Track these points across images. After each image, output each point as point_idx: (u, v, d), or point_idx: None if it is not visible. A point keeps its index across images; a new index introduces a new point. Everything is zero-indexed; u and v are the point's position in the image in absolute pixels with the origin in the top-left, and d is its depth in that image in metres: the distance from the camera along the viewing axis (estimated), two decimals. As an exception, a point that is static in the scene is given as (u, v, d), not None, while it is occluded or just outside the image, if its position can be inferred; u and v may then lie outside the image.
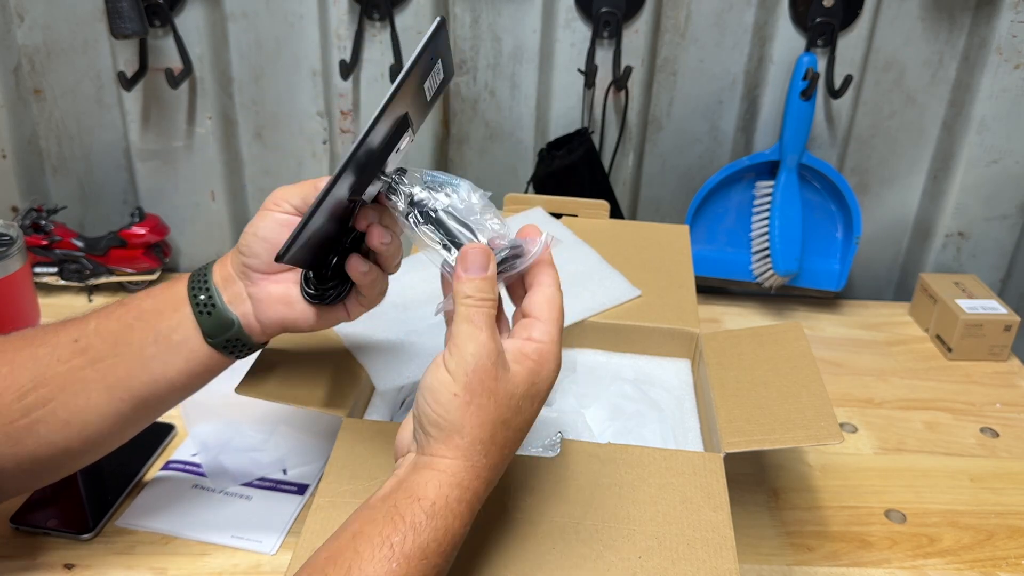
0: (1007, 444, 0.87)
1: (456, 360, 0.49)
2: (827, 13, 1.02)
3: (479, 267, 0.51)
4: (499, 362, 0.49)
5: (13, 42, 1.05)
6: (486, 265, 0.51)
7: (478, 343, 0.49)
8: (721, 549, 0.56)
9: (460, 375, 0.48)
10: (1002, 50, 1.02)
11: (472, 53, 1.07)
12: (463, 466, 0.49)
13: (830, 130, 1.09)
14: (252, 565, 0.68)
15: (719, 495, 0.60)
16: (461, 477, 0.48)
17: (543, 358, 0.51)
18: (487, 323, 0.50)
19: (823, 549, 0.73)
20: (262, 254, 0.57)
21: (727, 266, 1.11)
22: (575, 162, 1.05)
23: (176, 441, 0.81)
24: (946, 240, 1.13)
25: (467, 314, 0.50)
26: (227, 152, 1.12)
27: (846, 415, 0.90)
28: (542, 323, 0.52)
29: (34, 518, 0.70)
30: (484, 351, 0.49)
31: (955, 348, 1.01)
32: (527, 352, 0.51)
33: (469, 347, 0.49)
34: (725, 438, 0.65)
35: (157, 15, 1.01)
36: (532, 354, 0.51)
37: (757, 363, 0.73)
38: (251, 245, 0.57)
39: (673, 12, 1.04)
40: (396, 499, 0.48)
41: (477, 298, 0.50)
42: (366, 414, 0.72)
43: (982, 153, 1.08)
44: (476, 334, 0.49)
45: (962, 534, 0.75)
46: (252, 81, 1.09)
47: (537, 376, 0.51)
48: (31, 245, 1.03)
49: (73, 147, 1.12)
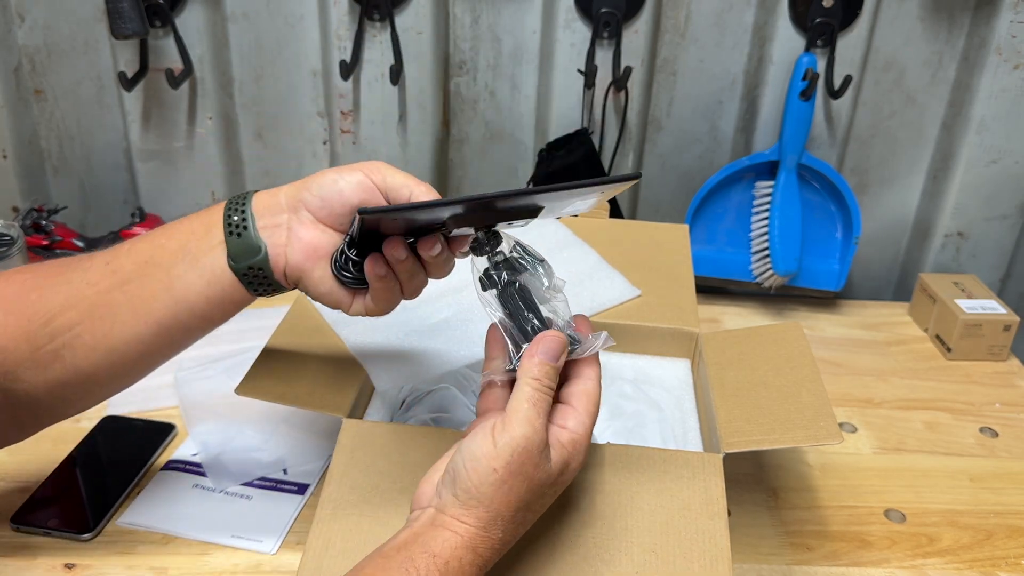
0: (1007, 444, 0.87)
1: (507, 437, 0.50)
2: (827, 13, 1.02)
3: (553, 355, 0.53)
4: (544, 452, 0.51)
5: (14, 42, 1.05)
6: (558, 356, 0.53)
7: (533, 429, 0.50)
8: (716, 560, 0.56)
9: (505, 453, 0.50)
10: (1002, 50, 1.02)
11: (472, 53, 1.07)
12: (480, 536, 0.50)
13: (830, 130, 1.09)
14: (252, 565, 0.68)
15: (717, 500, 0.60)
16: (476, 544, 0.50)
17: (576, 449, 0.52)
18: (545, 410, 0.51)
19: (823, 549, 0.73)
20: (331, 199, 0.56)
21: (727, 266, 1.11)
22: (575, 162, 1.05)
23: (176, 441, 0.81)
24: (945, 240, 1.13)
25: (532, 396, 0.51)
26: (227, 152, 1.12)
27: (846, 415, 0.90)
28: (579, 414, 0.53)
29: (34, 518, 0.70)
30: (536, 438, 0.50)
31: (954, 348, 1.01)
32: (563, 440, 0.52)
33: (523, 429, 0.50)
34: (725, 438, 0.65)
35: (157, 15, 1.02)
36: (567, 444, 0.52)
37: (757, 363, 0.73)
38: (324, 187, 0.57)
39: (673, 12, 1.04)
40: (411, 552, 0.49)
41: (544, 383, 0.52)
42: (366, 414, 0.72)
43: (982, 153, 1.08)
44: (533, 420, 0.50)
45: (961, 534, 0.75)
46: (252, 81, 1.09)
47: (567, 467, 0.52)
48: (32, 245, 1.03)
49: (74, 147, 1.12)
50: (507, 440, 0.50)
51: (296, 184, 0.58)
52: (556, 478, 0.52)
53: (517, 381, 0.52)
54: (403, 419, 0.75)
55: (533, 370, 0.52)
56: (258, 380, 0.68)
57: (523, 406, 0.51)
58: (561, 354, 0.53)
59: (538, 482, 0.51)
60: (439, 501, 0.51)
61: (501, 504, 0.50)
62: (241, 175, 1.14)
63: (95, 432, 0.81)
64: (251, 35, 1.06)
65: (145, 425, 0.82)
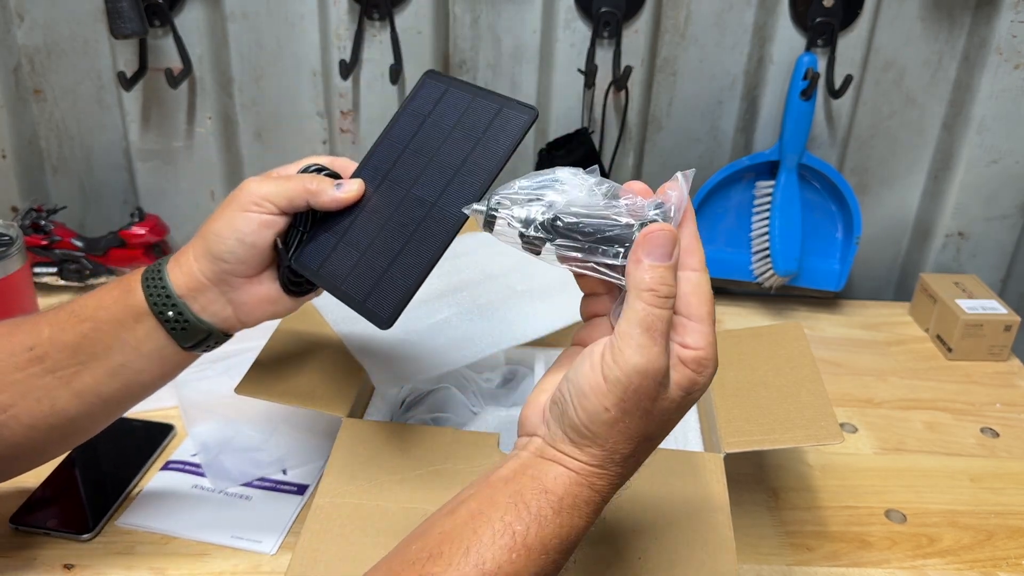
0: (1007, 444, 0.87)
1: (618, 371, 0.43)
2: (827, 13, 1.02)
3: (664, 253, 0.44)
4: (664, 383, 0.44)
5: (13, 42, 1.05)
6: (671, 251, 0.44)
7: (648, 358, 0.43)
8: (720, 550, 0.56)
9: (618, 390, 0.43)
10: (1002, 50, 1.02)
11: (472, 53, 1.07)
12: (596, 472, 0.45)
13: (830, 130, 1.09)
14: (252, 565, 0.68)
15: (719, 495, 0.60)
16: (593, 480, 0.45)
17: (701, 367, 0.45)
18: (664, 333, 0.43)
19: (823, 549, 0.73)
20: (250, 259, 0.56)
21: (727, 266, 1.11)
22: (575, 162, 1.05)
23: (176, 441, 0.81)
24: (946, 240, 1.13)
25: (645, 317, 0.43)
26: (227, 152, 1.12)
27: (846, 415, 0.90)
28: (697, 324, 0.45)
29: (34, 518, 0.70)
30: (652, 369, 0.43)
31: (955, 348, 1.01)
32: (686, 361, 0.44)
33: (637, 360, 0.43)
34: (725, 438, 0.65)
35: (157, 15, 1.01)
36: (691, 363, 0.44)
37: (757, 363, 0.73)
38: (236, 251, 0.56)
39: (673, 12, 1.04)
40: (521, 485, 0.45)
41: (660, 294, 0.43)
42: (366, 414, 0.72)
43: (982, 153, 1.08)
44: (649, 347, 0.43)
45: (962, 534, 0.75)
46: (252, 81, 1.09)
47: (694, 387, 0.45)
48: (31, 245, 1.03)
49: (73, 147, 1.12)
50: (618, 375, 0.43)
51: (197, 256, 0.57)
52: (680, 402, 0.45)
53: (627, 297, 0.44)
54: (403, 419, 0.75)
55: (644, 277, 0.43)
56: (258, 379, 0.68)
57: (635, 331, 0.43)
58: (672, 249, 0.44)
59: (659, 413, 0.45)
60: (547, 432, 0.46)
61: (618, 441, 0.44)
62: (241, 175, 1.14)
63: (94, 432, 0.80)
64: (251, 35, 1.06)
65: (145, 425, 0.82)
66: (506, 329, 0.79)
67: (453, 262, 0.87)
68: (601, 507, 0.47)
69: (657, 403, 0.44)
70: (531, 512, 0.43)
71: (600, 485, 0.46)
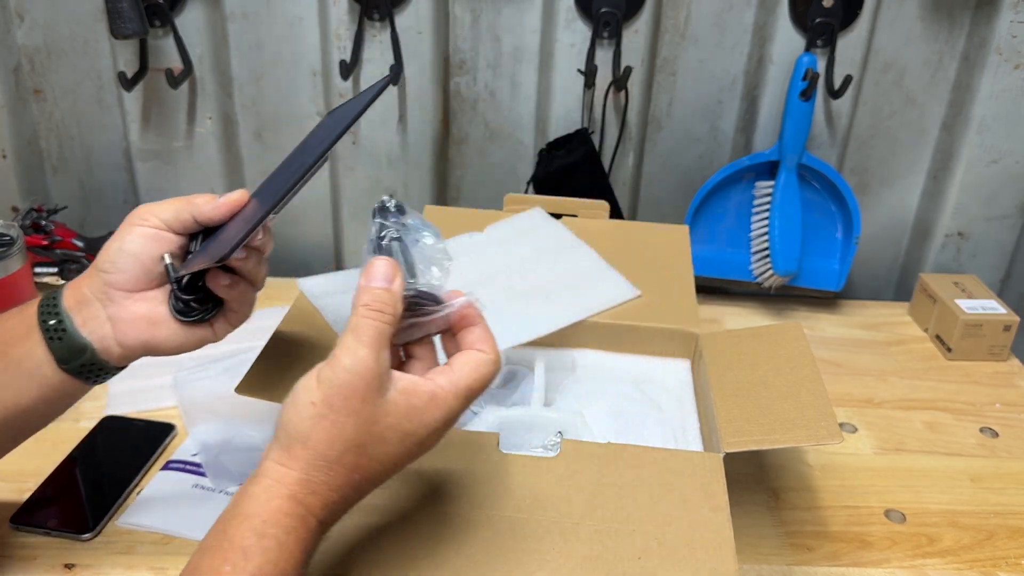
0: (1007, 444, 0.87)
1: (329, 370, 0.46)
2: (827, 13, 1.02)
3: (382, 278, 0.49)
4: (374, 384, 0.46)
5: (13, 42, 1.05)
6: (391, 278, 0.49)
7: (355, 358, 0.46)
8: (720, 550, 0.56)
9: (325, 386, 0.46)
10: (1002, 50, 1.02)
11: (472, 53, 1.07)
12: (298, 479, 0.45)
13: (830, 130, 1.09)
14: (252, 565, 0.68)
15: (719, 495, 0.60)
16: (295, 490, 0.45)
17: (433, 403, 0.48)
18: (374, 339, 0.46)
19: (823, 549, 0.73)
20: (129, 269, 0.56)
21: (727, 266, 1.11)
22: (575, 162, 1.05)
23: (176, 441, 0.81)
24: (946, 240, 1.13)
25: (355, 324, 0.47)
26: (227, 152, 1.12)
27: (846, 415, 0.90)
28: (453, 375, 0.49)
29: (34, 518, 0.70)
30: (359, 367, 0.46)
31: (955, 348, 1.01)
32: (421, 389, 0.48)
33: (345, 360, 0.46)
34: (725, 438, 0.65)
35: (157, 15, 1.02)
36: (424, 394, 0.47)
37: (757, 363, 0.73)
38: (116, 261, 0.56)
39: (673, 12, 1.04)
40: (226, 521, 0.45)
41: (372, 307, 0.47)
42: (366, 414, 0.72)
43: (982, 153, 1.08)
44: (356, 349, 0.46)
45: (962, 534, 0.75)
46: (252, 81, 1.09)
47: (418, 416, 0.47)
48: (31, 245, 1.03)
49: (73, 147, 1.12)
50: (328, 373, 0.46)
51: (89, 272, 0.58)
52: (398, 422, 0.47)
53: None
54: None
55: (360, 297, 0.48)
56: (258, 379, 0.68)
57: (347, 338, 0.47)
58: (393, 277, 0.49)
59: (370, 418, 0.46)
60: (266, 450, 0.48)
61: (321, 440, 0.45)
62: (241, 175, 1.14)
63: (95, 432, 0.80)
64: (251, 35, 1.06)
65: (145, 425, 0.82)
66: (506, 329, 0.79)
67: (453, 262, 0.87)
68: (311, 524, 0.46)
69: (368, 406, 0.46)
70: (235, 547, 0.43)
71: (303, 496, 0.45)
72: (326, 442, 0.46)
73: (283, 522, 0.44)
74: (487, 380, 0.50)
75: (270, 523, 0.44)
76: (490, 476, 0.61)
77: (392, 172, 1.12)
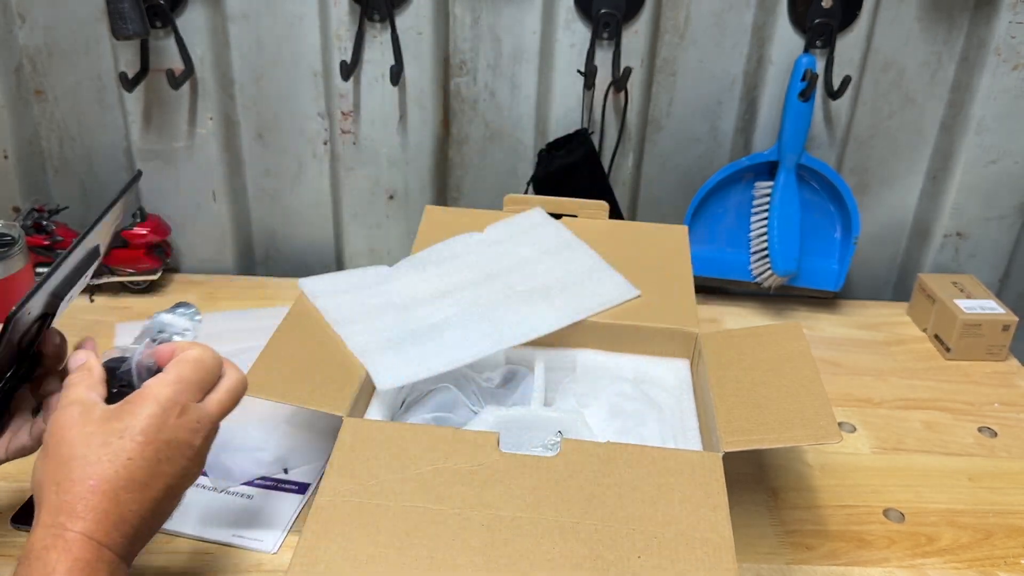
0: (1005, 444, 0.87)
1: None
2: (826, 14, 1.02)
3: (75, 366, 0.59)
4: (77, 414, 0.54)
5: (14, 43, 1.05)
6: (79, 362, 0.59)
7: (65, 400, 0.56)
8: (720, 549, 0.56)
9: (52, 422, 0.55)
10: (1001, 51, 1.02)
11: (472, 54, 1.08)
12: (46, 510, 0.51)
13: (829, 131, 1.10)
14: (253, 564, 0.68)
15: (718, 494, 0.60)
16: (49, 519, 0.50)
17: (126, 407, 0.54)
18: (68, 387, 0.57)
19: (822, 548, 0.73)
20: None
21: (726, 266, 1.12)
22: (575, 162, 1.05)
23: (177, 441, 0.81)
24: (944, 240, 1.13)
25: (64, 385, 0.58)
26: (228, 153, 1.12)
27: (845, 415, 0.91)
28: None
29: (36, 517, 0.70)
30: (65, 402, 0.55)
31: (953, 348, 1.01)
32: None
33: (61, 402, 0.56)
34: (724, 437, 0.65)
35: (158, 16, 1.02)
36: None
37: (756, 363, 0.73)
38: None
39: (673, 13, 1.04)
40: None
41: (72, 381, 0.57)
42: (366, 414, 0.73)
43: (981, 153, 1.08)
44: (66, 394, 0.56)
45: (960, 533, 0.75)
46: (253, 82, 1.09)
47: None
48: (33, 245, 1.03)
49: (74, 147, 1.12)
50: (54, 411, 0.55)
51: None
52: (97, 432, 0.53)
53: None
54: (403, 419, 0.75)
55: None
56: (258, 379, 0.68)
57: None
58: (83, 360, 0.59)
59: (75, 441, 0.52)
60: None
61: (46, 462, 0.52)
62: (241, 175, 1.14)
63: (96, 432, 0.81)
64: (252, 35, 1.06)
65: (146, 425, 0.82)
66: (506, 329, 0.79)
67: (453, 262, 0.88)
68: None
69: (71, 431, 0.53)
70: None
71: (66, 527, 0.49)
72: (44, 461, 0.53)
73: (41, 557, 0.49)
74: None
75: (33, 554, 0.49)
76: (490, 476, 0.61)
77: (392, 172, 1.13)
